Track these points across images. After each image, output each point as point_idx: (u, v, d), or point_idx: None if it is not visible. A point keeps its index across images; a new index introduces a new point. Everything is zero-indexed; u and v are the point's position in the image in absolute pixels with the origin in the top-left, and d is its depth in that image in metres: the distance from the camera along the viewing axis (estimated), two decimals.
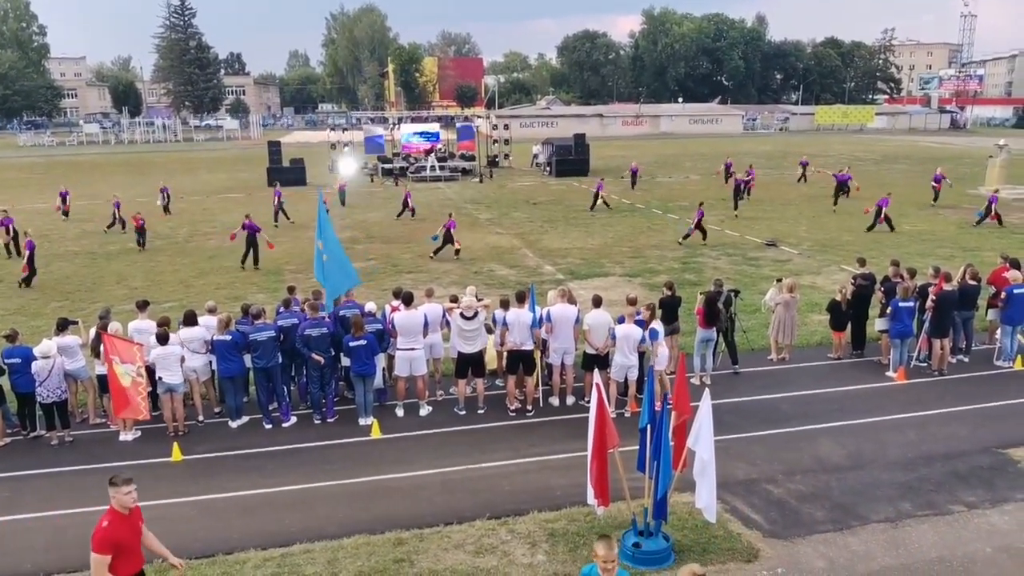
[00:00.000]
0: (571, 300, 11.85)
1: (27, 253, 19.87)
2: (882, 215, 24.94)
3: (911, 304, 12.52)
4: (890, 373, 12.63)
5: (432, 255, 21.53)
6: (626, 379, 11.25)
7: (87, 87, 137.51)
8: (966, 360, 13.31)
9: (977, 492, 8.92)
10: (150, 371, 10.85)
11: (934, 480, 9.21)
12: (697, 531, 8.01)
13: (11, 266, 21.75)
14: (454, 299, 11.94)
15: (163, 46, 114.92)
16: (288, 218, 27.88)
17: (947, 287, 12.63)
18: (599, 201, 30.68)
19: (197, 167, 48.56)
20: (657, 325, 11.37)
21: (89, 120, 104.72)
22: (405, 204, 28.81)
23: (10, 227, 23.25)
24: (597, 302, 11.58)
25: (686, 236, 23.24)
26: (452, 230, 21.79)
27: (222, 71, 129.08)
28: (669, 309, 12.57)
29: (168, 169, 49.93)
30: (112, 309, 12.65)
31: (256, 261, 20.94)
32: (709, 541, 7.87)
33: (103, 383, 10.92)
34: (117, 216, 27.14)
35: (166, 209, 30.97)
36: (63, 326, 11.16)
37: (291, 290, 12.94)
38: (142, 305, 12.01)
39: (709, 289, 12.78)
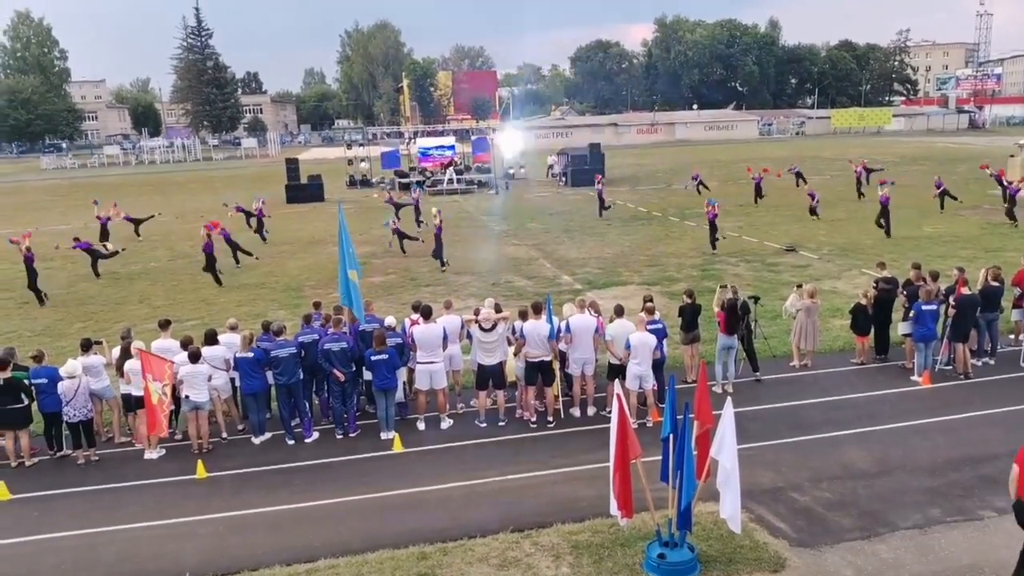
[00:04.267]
0: (597, 311, 11.82)
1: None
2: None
3: (934, 307, 12.37)
4: (915, 377, 12.48)
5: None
6: (641, 388, 11.12)
7: (107, 109, 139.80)
8: (992, 362, 13.12)
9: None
10: (174, 389, 10.97)
11: (963, 485, 9.07)
12: (723, 541, 7.93)
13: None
14: (477, 312, 11.96)
15: (181, 67, 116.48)
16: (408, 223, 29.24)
17: (965, 291, 12.48)
18: (700, 186, 35.72)
19: (217, 185, 49.02)
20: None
21: (109, 142, 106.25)
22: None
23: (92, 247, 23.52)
24: (619, 311, 11.56)
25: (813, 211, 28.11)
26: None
27: (239, 90, 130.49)
28: (689, 316, 12.53)
29: (188, 189, 50.51)
30: (135, 328, 12.79)
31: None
32: (735, 551, 7.79)
33: (127, 402, 11.07)
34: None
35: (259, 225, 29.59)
36: (87, 346, 11.28)
37: (316, 306, 13.00)
38: (164, 324, 12.11)
39: (725, 285, 12.75)
